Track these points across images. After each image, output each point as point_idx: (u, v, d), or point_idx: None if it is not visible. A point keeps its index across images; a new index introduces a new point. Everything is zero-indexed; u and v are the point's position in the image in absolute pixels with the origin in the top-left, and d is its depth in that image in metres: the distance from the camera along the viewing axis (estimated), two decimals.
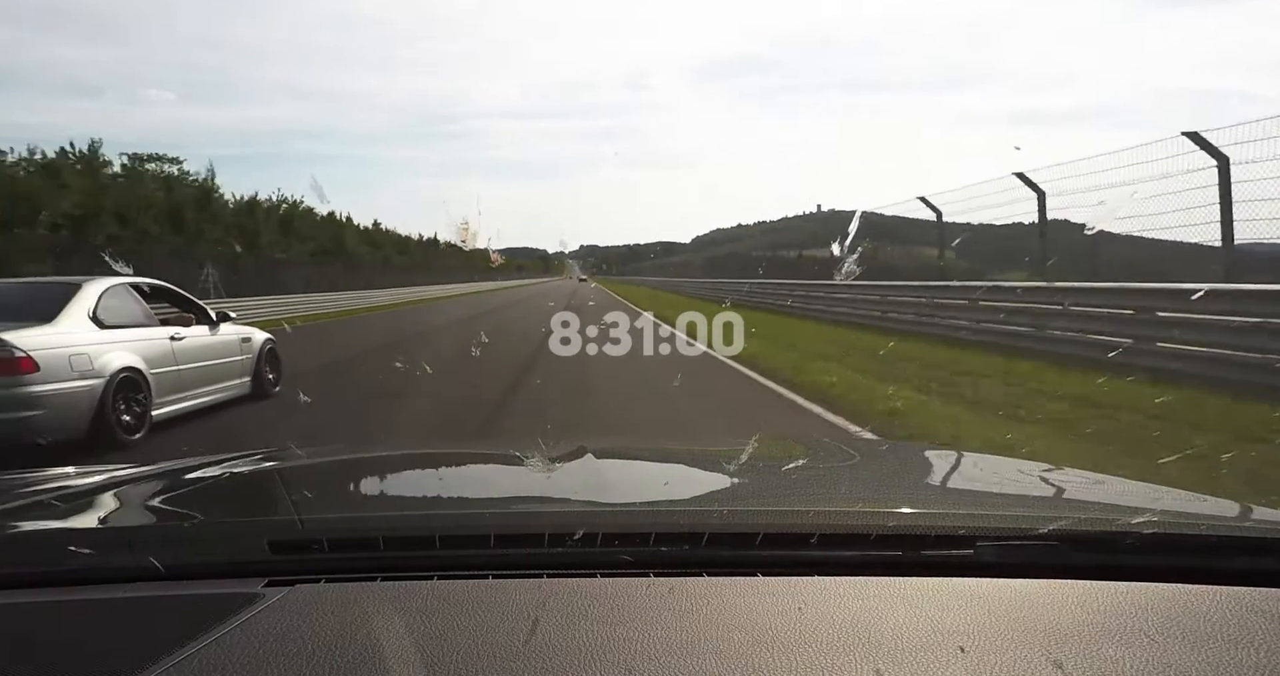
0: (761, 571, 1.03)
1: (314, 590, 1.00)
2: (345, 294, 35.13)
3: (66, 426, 5.68)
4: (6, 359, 5.37)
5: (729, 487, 1.56)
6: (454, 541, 1.12)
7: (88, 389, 5.79)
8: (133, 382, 6.22)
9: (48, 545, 1.20)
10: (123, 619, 0.97)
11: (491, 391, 8.71)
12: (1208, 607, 0.93)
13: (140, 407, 6.31)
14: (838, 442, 2.86)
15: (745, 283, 25.82)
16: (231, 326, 8.01)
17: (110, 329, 6.28)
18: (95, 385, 5.84)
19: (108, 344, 6.13)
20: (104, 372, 5.93)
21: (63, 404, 5.62)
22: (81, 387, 5.75)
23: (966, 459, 2.05)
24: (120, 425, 6.06)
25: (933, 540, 1.08)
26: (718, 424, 7.23)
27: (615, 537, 1.08)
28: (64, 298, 6.14)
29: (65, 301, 6.09)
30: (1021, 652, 0.82)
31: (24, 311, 5.96)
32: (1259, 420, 5.94)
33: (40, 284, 6.96)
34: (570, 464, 1.70)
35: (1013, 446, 5.25)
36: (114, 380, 5.98)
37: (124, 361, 6.16)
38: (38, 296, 6.36)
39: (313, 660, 0.82)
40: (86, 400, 5.77)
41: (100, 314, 6.27)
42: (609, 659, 0.81)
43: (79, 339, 5.91)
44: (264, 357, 8.43)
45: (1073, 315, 10.18)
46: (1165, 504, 1.38)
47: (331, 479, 1.83)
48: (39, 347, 5.55)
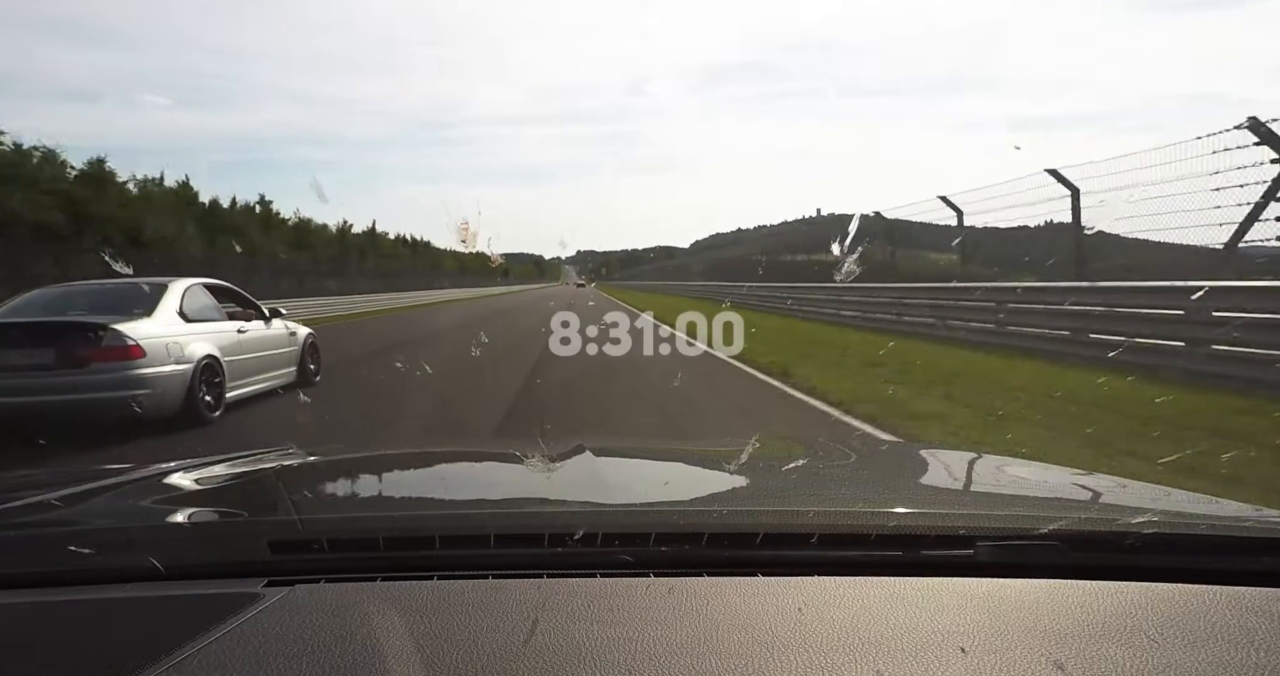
0: (761, 571, 1.03)
1: (314, 590, 1.00)
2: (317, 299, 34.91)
3: (165, 404, 6.61)
4: (120, 346, 6.35)
5: (729, 488, 1.56)
6: (454, 541, 1.12)
7: (180, 372, 6.76)
8: (212, 368, 7.18)
9: (48, 545, 1.19)
10: (123, 619, 0.97)
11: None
12: (1208, 607, 0.93)
13: (218, 390, 7.25)
14: (838, 443, 2.85)
15: (743, 285, 26.23)
16: (281, 322, 8.87)
17: (193, 322, 7.25)
18: (186, 369, 6.81)
19: (192, 335, 7.10)
20: (191, 359, 6.90)
21: (163, 385, 6.59)
22: (176, 371, 6.73)
23: (966, 459, 2.05)
24: (204, 404, 7.00)
25: (933, 540, 1.08)
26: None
27: (615, 537, 1.08)
28: (157, 295, 7.15)
29: (159, 298, 7.10)
30: (1022, 652, 0.82)
31: (126, 307, 6.95)
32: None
33: (135, 283, 7.83)
34: (570, 463, 1.70)
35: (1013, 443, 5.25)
36: (199, 366, 6.95)
37: (205, 350, 7.12)
38: (135, 294, 7.30)
39: (313, 660, 0.81)
40: (180, 382, 6.74)
41: (185, 309, 7.25)
42: (609, 659, 0.81)
43: (172, 330, 6.90)
44: (307, 350, 9.35)
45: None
46: (1165, 504, 1.38)
47: (331, 479, 1.83)
48: (144, 337, 6.54)
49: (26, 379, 6.16)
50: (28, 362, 6.21)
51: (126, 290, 7.56)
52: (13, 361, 6.20)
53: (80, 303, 7.31)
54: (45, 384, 6.17)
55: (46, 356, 6.24)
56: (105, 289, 7.79)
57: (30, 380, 6.16)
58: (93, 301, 7.31)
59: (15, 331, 6.45)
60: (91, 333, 6.37)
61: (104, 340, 6.35)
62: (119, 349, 6.36)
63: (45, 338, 6.36)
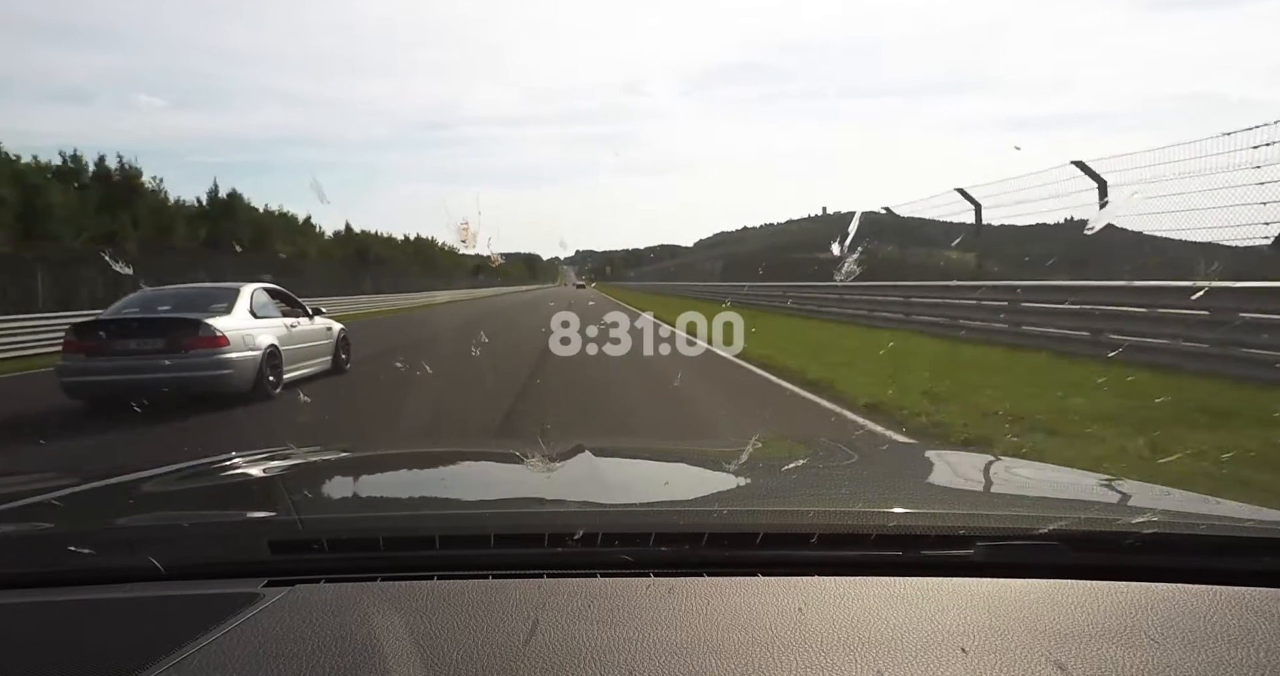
0: (761, 571, 1.03)
1: (314, 590, 1.00)
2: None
3: (241, 382, 8.54)
4: (211, 336, 8.35)
5: (729, 487, 1.56)
6: (454, 541, 1.12)
7: (253, 357, 8.68)
8: (274, 355, 9.06)
9: (48, 545, 1.19)
10: (123, 619, 0.97)
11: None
12: (1208, 607, 0.93)
13: (278, 373, 9.13)
14: (838, 443, 2.85)
15: (744, 286, 26.12)
16: (321, 319, 10.66)
17: (259, 318, 9.16)
18: (256, 355, 8.73)
19: (259, 328, 9.01)
20: (260, 347, 8.80)
21: (241, 367, 8.53)
22: (249, 356, 8.65)
23: (966, 459, 2.05)
24: (269, 383, 8.88)
25: (933, 540, 1.07)
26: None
27: (615, 537, 1.08)
28: (233, 296, 9.13)
29: (234, 299, 9.06)
30: (1022, 652, 0.82)
31: (211, 306, 8.91)
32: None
33: (213, 287, 10.13)
34: (570, 463, 1.70)
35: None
36: (265, 353, 8.85)
37: (269, 340, 9.02)
38: (216, 295, 9.30)
39: (313, 660, 0.81)
40: (252, 365, 8.66)
41: (253, 307, 9.18)
42: (609, 659, 0.81)
43: (245, 324, 8.84)
44: (339, 343, 11.11)
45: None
46: (1165, 504, 1.38)
47: (331, 479, 1.83)
48: (227, 329, 8.51)
49: (144, 360, 8.16)
50: (144, 348, 8.24)
51: (210, 292, 9.57)
52: (133, 347, 8.26)
53: (174, 302, 9.21)
54: (157, 365, 8.09)
55: (158, 344, 8.22)
56: (193, 291, 9.81)
57: (146, 361, 8.15)
58: (185, 301, 9.17)
59: (135, 324, 8.47)
60: (191, 326, 8.32)
61: (200, 332, 8.29)
62: (210, 338, 8.32)
63: (157, 329, 8.34)
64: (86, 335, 8.36)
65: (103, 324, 8.58)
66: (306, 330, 10.15)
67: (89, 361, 8.25)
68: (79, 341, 8.36)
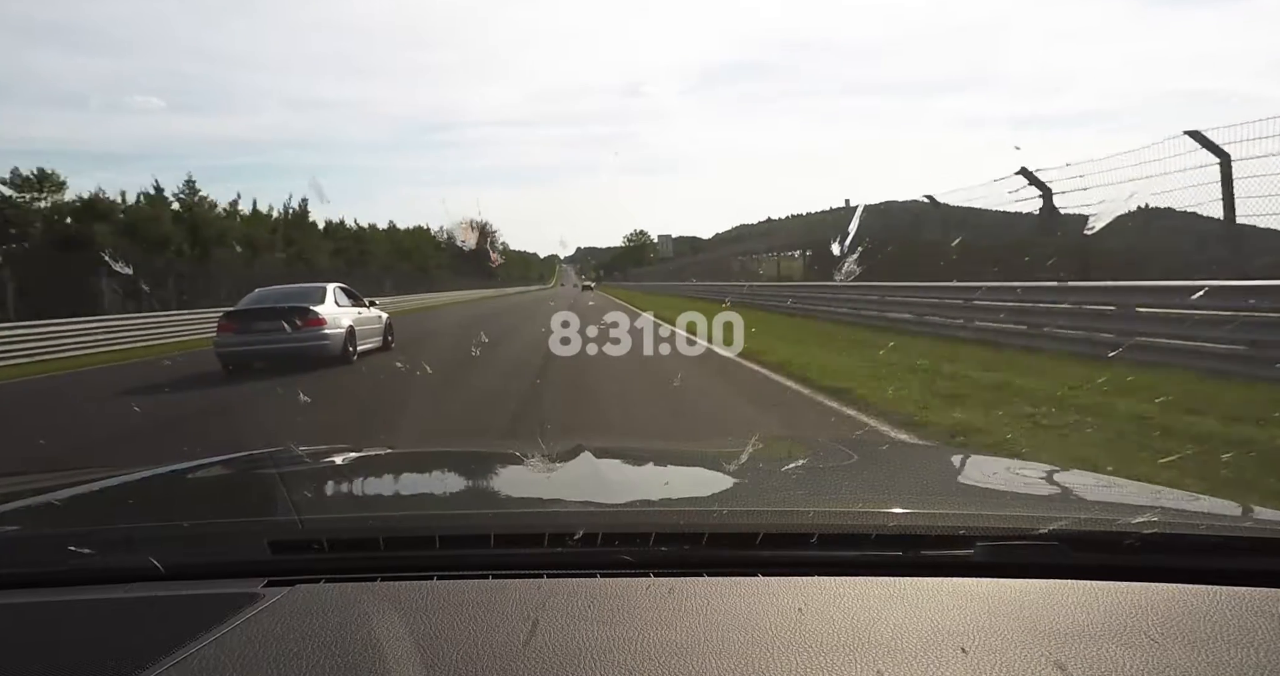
0: (762, 571, 1.03)
1: (314, 590, 1.00)
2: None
3: (334, 351, 12.51)
4: (317, 318, 12.42)
5: (729, 487, 1.56)
6: (454, 541, 1.12)
7: (340, 333, 12.77)
8: (352, 333, 13.10)
9: (48, 545, 1.19)
10: (123, 619, 0.97)
11: None
12: (1208, 607, 0.93)
13: (354, 346, 13.13)
14: (838, 443, 2.85)
15: (744, 285, 25.89)
16: (375, 309, 14.65)
17: (340, 307, 13.23)
18: (342, 332, 12.80)
19: (341, 313, 13.11)
20: (343, 326, 12.89)
21: (334, 340, 12.59)
22: (338, 332, 12.74)
23: (966, 459, 2.05)
24: (350, 353, 12.87)
25: (933, 540, 1.07)
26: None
27: (615, 537, 1.08)
28: (322, 291, 13.26)
29: (325, 293, 13.19)
30: (1022, 653, 0.82)
31: (311, 297, 12.96)
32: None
33: (306, 286, 14.30)
34: (569, 464, 1.70)
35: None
36: (347, 331, 12.92)
37: (348, 322, 13.09)
38: (310, 291, 13.42)
39: (313, 660, 0.81)
40: (340, 339, 12.72)
41: (335, 299, 13.23)
42: (609, 659, 0.81)
43: (334, 310, 12.95)
44: (387, 328, 15.06)
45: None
46: (1166, 504, 1.38)
47: (331, 479, 1.83)
48: (325, 313, 12.62)
49: (272, 336, 12.10)
50: (272, 327, 12.13)
51: (305, 289, 13.68)
52: (264, 328, 12.24)
53: (284, 296, 13.17)
54: (281, 338, 12.00)
55: (280, 324, 12.04)
56: (293, 289, 13.99)
57: (273, 337, 12.08)
58: (291, 295, 13.21)
59: (265, 311, 12.51)
60: (303, 311, 12.35)
61: (309, 315, 12.37)
62: (316, 319, 12.42)
63: (280, 314, 12.25)
64: (233, 319, 12.51)
65: (242, 312, 12.66)
66: (367, 316, 14.19)
67: (235, 337, 12.31)
68: (228, 323, 12.47)
